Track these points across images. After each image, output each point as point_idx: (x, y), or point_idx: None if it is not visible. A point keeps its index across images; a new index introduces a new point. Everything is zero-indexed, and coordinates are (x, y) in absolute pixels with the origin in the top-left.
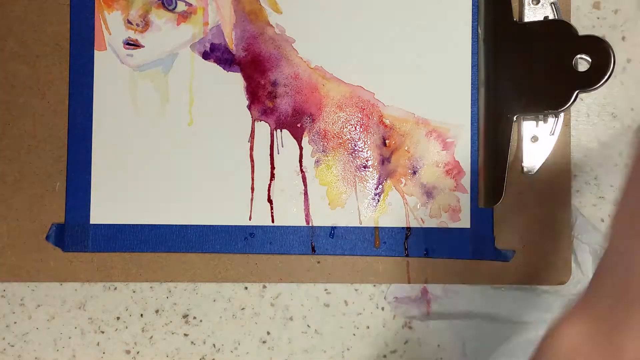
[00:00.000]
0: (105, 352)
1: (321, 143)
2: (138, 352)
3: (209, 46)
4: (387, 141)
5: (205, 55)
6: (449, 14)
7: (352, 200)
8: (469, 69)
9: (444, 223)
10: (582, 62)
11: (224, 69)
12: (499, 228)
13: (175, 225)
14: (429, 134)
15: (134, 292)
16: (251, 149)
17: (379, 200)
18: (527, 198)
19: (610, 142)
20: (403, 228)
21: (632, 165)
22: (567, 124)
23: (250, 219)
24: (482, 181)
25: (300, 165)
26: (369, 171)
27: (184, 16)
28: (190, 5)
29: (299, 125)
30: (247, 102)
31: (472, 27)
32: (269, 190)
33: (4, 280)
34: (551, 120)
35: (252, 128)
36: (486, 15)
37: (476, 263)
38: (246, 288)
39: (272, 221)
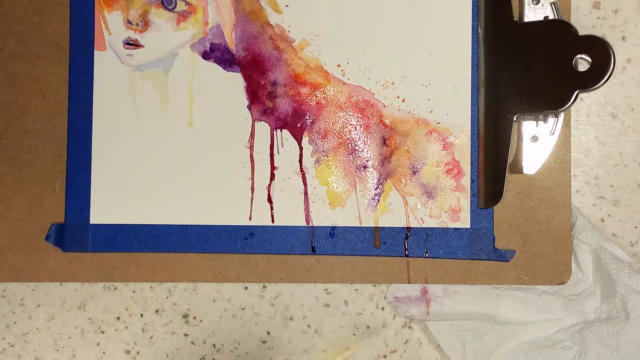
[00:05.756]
0: (105, 352)
1: (321, 143)
2: (138, 352)
3: (209, 46)
4: (387, 141)
5: (205, 55)
6: (449, 14)
7: (352, 200)
8: (469, 69)
9: (444, 223)
10: (582, 62)
11: (224, 69)
12: (499, 228)
13: (175, 225)
14: (429, 134)
15: (134, 292)
16: (251, 149)
17: (379, 200)
18: (527, 198)
19: (610, 142)
20: (403, 228)
21: None
22: (567, 124)
23: (250, 219)
24: (482, 181)
25: (300, 165)
26: (369, 171)
27: (184, 16)
28: (190, 4)
29: (299, 125)
30: (247, 102)
31: (472, 27)
32: (269, 190)
33: (4, 280)
34: (551, 120)
35: (252, 128)
36: (486, 15)
37: (476, 263)
38: (246, 288)
39: (272, 221)
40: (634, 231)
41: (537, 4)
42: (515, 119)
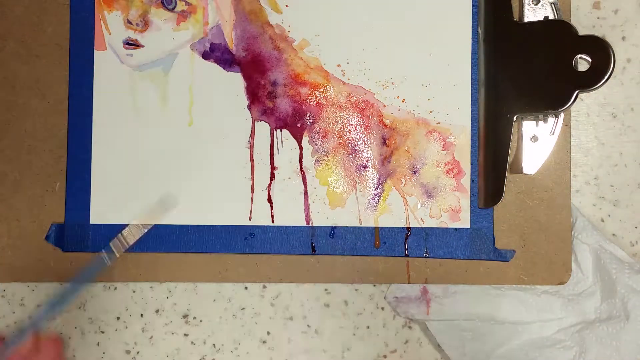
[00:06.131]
0: (105, 352)
1: (321, 143)
2: (138, 352)
3: (209, 46)
4: (387, 141)
5: (205, 55)
6: (449, 14)
7: (352, 200)
8: (469, 69)
9: (444, 223)
10: (582, 62)
11: (224, 69)
12: (499, 228)
13: (175, 225)
14: (429, 134)
15: (134, 292)
16: (251, 149)
17: (379, 200)
18: (527, 198)
19: (610, 142)
20: (403, 228)
21: None
22: (567, 124)
23: (250, 219)
24: (482, 181)
25: (300, 165)
26: (369, 171)
27: (184, 16)
28: (190, 4)
29: (299, 125)
30: (247, 102)
31: (472, 27)
32: (269, 190)
33: (4, 280)
34: (551, 120)
35: (252, 128)
36: (486, 15)
37: (476, 263)
38: (246, 288)
39: (272, 221)
40: (634, 231)
41: (537, 4)
42: (515, 119)
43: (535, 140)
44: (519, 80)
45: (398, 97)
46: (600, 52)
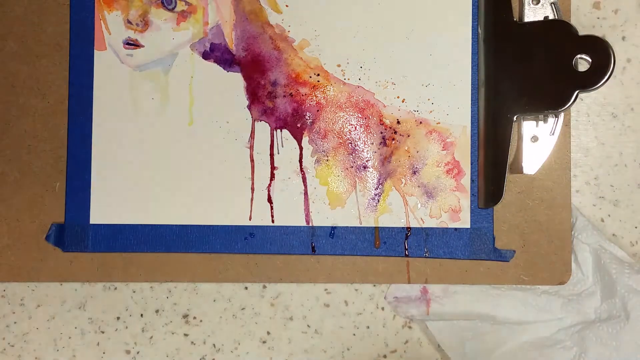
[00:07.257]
0: (105, 352)
1: (321, 143)
2: (138, 352)
3: (209, 46)
4: (387, 141)
5: (205, 55)
6: (449, 14)
7: (352, 200)
8: (469, 69)
9: (444, 223)
10: (582, 62)
11: (224, 69)
12: (499, 228)
13: (175, 225)
14: (429, 134)
15: (134, 292)
16: (251, 149)
17: (379, 200)
18: (527, 198)
19: (610, 142)
20: (403, 228)
21: None
22: (567, 124)
23: (250, 219)
24: (482, 181)
25: (300, 165)
26: (369, 171)
27: (184, 16)
28: (190, 4)
29: (299, 125)
30: (247, 102)
31: (472, 27)
32: (269, 190)
33: (4, 280)
34: (551, 120)
35: (252, 128)
36: (486, 15)
37: (476, 263)
38: (246, 288)
39: (272, 221)
40: (634, 231)
41: (537, 4)
42: (515, 119)
43: (535, 140)
44: (519, 80)
45: (398, 97)
46: (600, 52)
